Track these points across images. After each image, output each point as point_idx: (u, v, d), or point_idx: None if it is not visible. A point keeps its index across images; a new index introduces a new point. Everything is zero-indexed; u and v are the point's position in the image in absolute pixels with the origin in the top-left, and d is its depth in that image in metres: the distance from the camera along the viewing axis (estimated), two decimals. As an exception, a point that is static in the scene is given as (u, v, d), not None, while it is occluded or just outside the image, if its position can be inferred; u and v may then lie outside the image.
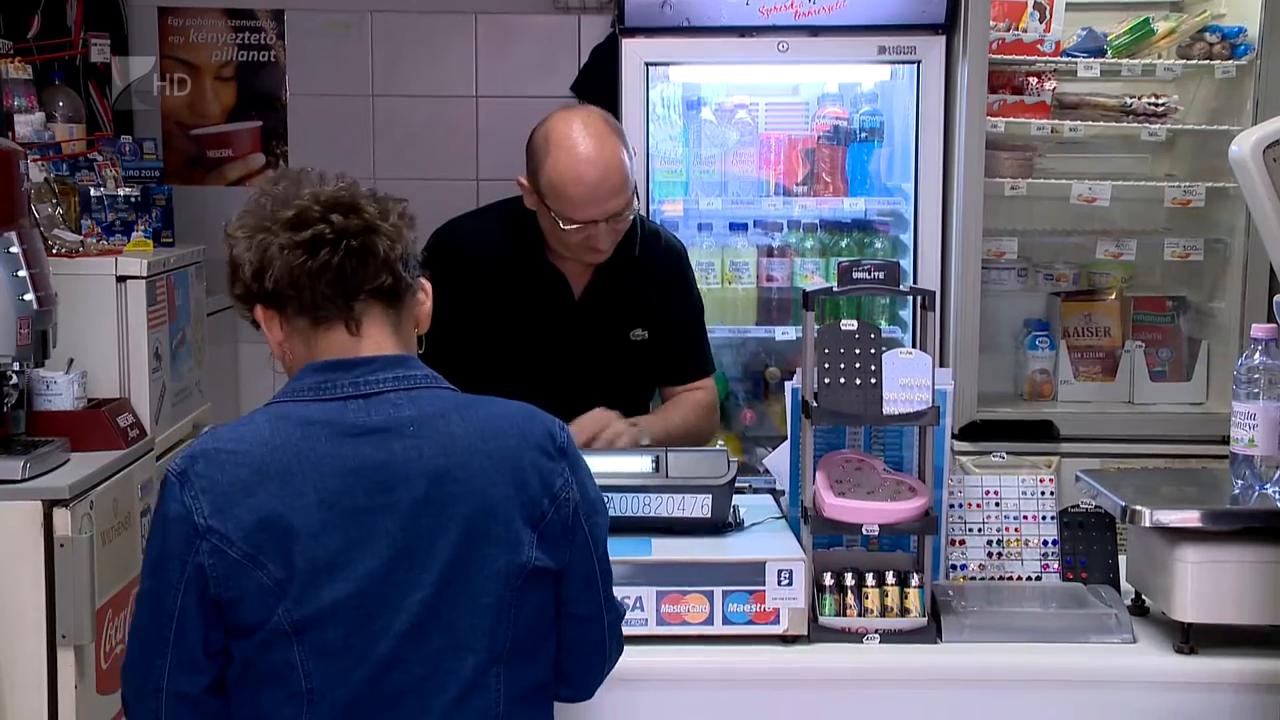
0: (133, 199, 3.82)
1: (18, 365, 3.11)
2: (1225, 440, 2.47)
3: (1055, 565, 2.55)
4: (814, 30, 4.20)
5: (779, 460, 2.69)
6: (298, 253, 1.87)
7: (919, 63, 4.19)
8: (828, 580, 2.37)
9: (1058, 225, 4.35)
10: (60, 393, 3.38)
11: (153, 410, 3.66)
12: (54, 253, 3.48)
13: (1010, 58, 4.13)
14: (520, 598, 1.87)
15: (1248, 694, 2.33)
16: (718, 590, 2.33)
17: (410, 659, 1.83)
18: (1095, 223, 4.32)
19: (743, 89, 4.44)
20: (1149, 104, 4.21)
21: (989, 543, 2.56)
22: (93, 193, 3.77)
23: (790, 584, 2.33)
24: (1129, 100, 4.23)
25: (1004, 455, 3.17)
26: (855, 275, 2.39)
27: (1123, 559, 2.57)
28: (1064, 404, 4.28)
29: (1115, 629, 2.40)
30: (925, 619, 2.37)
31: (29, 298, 3.07)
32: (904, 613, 2.36)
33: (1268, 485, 2.39)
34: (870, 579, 2.38)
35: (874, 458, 2.47)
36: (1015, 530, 2.56)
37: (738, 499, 2.57)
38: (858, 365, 2.35)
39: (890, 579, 2.37)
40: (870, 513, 2.34)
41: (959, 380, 3.85)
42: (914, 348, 2.42)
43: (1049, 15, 4.19)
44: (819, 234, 4.40)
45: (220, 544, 1.80)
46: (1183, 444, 4.01)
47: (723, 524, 2.50)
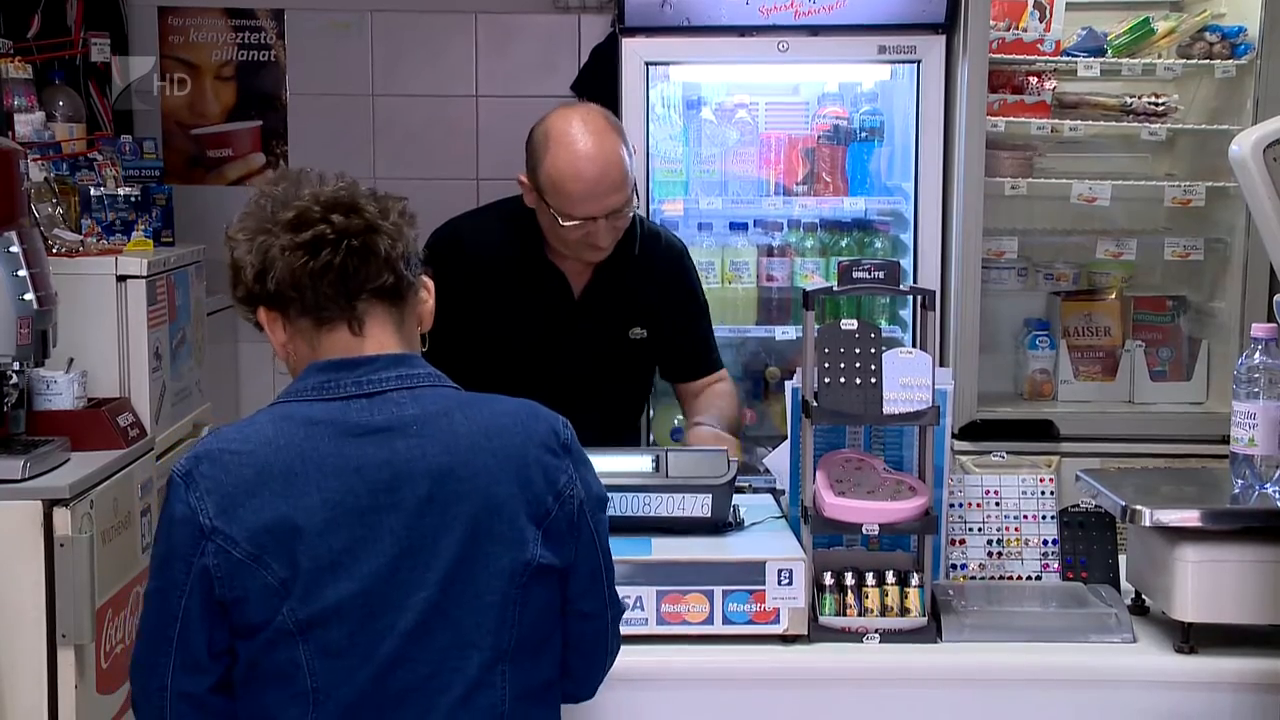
0: (133, 198, 3.82)
1: (18, 365, 3.10)
2: (1225, 440, 2.47)
3: (1055, 565, 2.54)
4: (814, 30, 4.20)
5: (779, 460, 2.69)
6: (299, 254, 1.87)
7: (919, 62, 4.18)
8: (828, 580, 2.38)
9: (1058, 225, 4.35)
10: (60, 392, 3.38)
11: (153, 410, 3.66)
12: (54, 252, 3.48)
13: (1010, 57, 4.13)
14: (525, 595, 1.87)
15: (1247, 693, 2.33)
16: (718, 590, 2.33)
17: (415, 657, 1.83)
18: (1095, 222, 4.31)
19: (743, 88, 4.44)
20: (1149, 103, 4.21)
21: (989, 542, 2.56)
22: (93, 192, 3.77)
23: (790, 583, 2.33)
24: (1129, 100, 4.23)
25: (1004, 455, 3.17)
26: (855, 275, 2.39)
27: (1123, 558, 2.57)
28: (1064, 403, 4.27)
29: (1115, 628, 2.40)
30: (925, 618, 2.37)
31: (29, 297, 3.07)
32: (904, 612, 2.36)
33: (1268, 485, 2.39)
34: (870, 578, 2.38)
35: (874, 457, 2.47)
36: (1015, 530, 2.56)
37: (738, 498, 2.57)
38: (858, 365, 2.35)
39: (890, 578, 2.37)
40: (870, 512, 2.34)
41: (959, 380, 3.85)
42: (914, 347, 2.42)
43: (1049, 15, 4.18)
44: (819, 233, 4.40)
45: (225, 544, 1.80)
46: (1183, 444, 4.01)
47: (723, 523, 2.50)
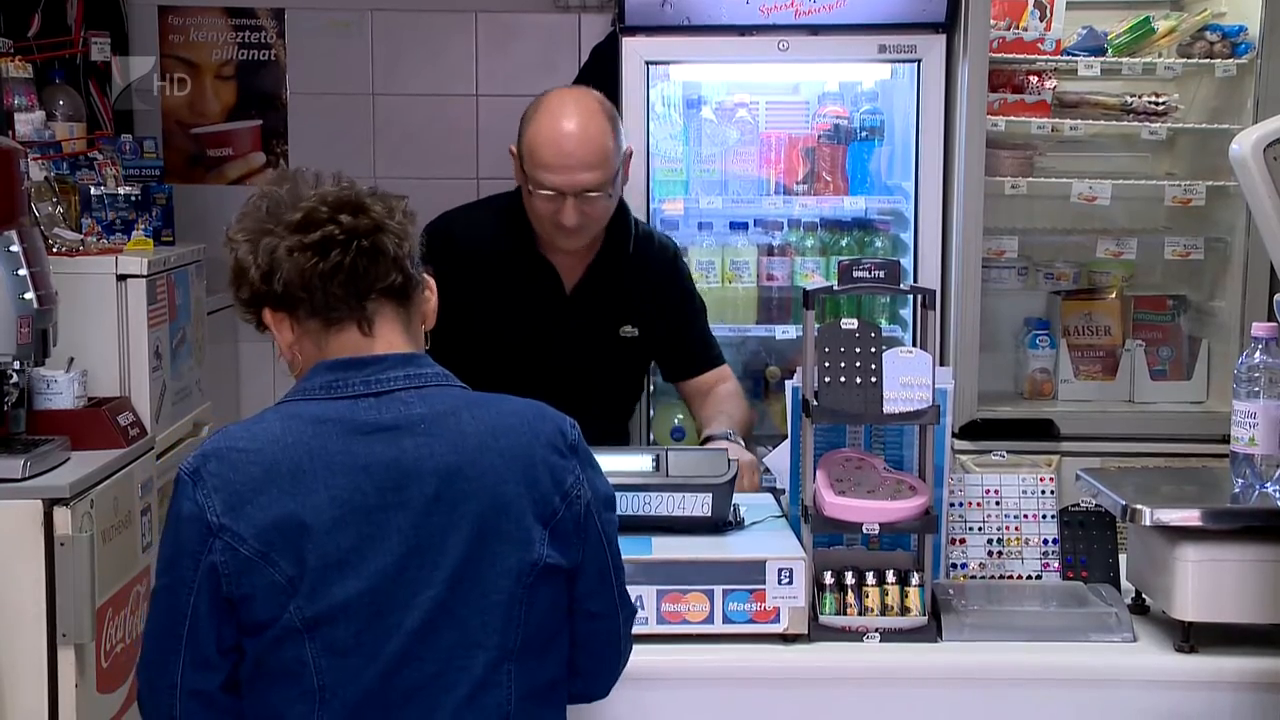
0: (133, 198, 3.82)
1: (18, 364, 3.10)
2: (1225, 439, 2.47)
3: (1055, 564, 2.54)
4: (814, 29, 4.20)
5: (779, 459, 2.69)
6: (308, 254, 1.86)
7: (919, 61, 4.18)
8: (828, 579, 2.38)
9: (1058, 224, 4.35)
10: (60, 391, 3.38)
11: (153, 409, 3.66)
12: (54, 251, 3.48)
13: (1011, 56, 4.12)
14: (531, 595, 1.87)
15: (1248, 693, 2.33)
16: (718, 589, 2.33)
17: (422, 656, 1.83)
18: (1095, 221, 4.31)
19: (743, 88, 4.43)
20: (1149, 103, 4.21)
21: (989, 541, 2.56)
22: (93, 191, 3.77)
23: (790, 583, 2.33)
24: (1129, 99, 4.23)
25: (1004, 454, 3.17)
26: (856, 274, 2.39)
27: (1123, 558, 2.57)
28: (1064, 403, 4.27)
29: (1115, 628, 2.40)
30: (925, 618, 2.37)
31: (29, 296, 3.07)
32: (904, 611, 2.36)
33: (1268, 484, 2.39)
34: (870, 578, 2.38)
35: (874, 456, 2.47)
36: (1015, 529, 2.56)
37: (738, 498, 2.57)
38: (858, 364, 2.35)
39: (890, 578, 2.37)
40: (870, 511, 2.34)
41: (959, 379, 3.85)
42: (914, 346, 2.42)
43: (1049, 14, 4.18)
44: (819, 233, 4.40)
45: (232, 542, 1.80)
46: (1183, 443, 4.01)
47: (723, 523, 2.50)
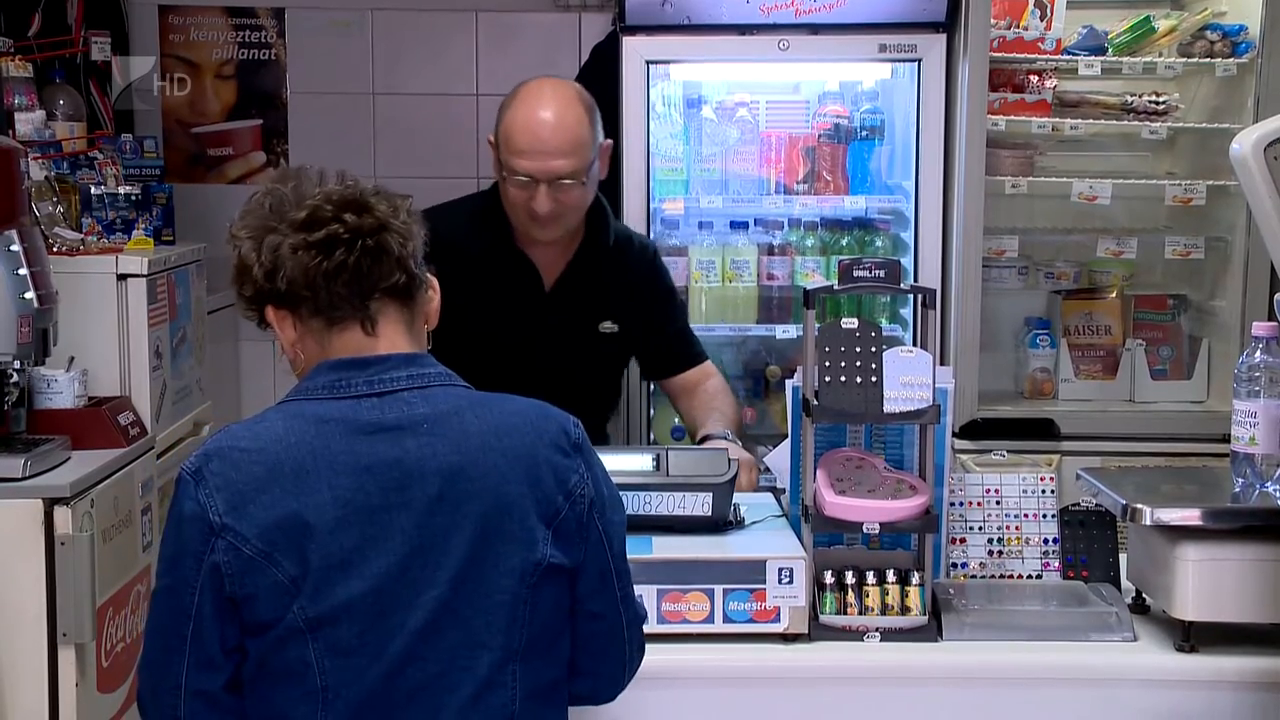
0: (133, 197, 3.83)
1: (18, 363, 3.10)
2: (1226, 438, 2.47)
3: (1056, 563, 2.54)
4: (815, 28, 4.20)
5: (779, 458, 2.69)
6: (311, 253, 1.86)
7: (920, 61, 4.18)
8: (828, 578, 2.37)
9: (1058, 223, 4.35)
10: (61, 391, 3.38)
11: (153, 408, 3.66)
12: (55, 251, 3.48)
13: (1011, 56, 4.12)
14: (535, 595, 1.87)
15: (1248, 692, 2.33)
16: (718, 588, 2.33)
17: (426, 656, 1.82)
18: (1096, 221, 4.31)
19: (743, 87, 4.44)
20: (1150, 102, 4.21)
21: (989, 541, 2.55)
22: (93, 191, 3.77)
23: (791, 582, 2.33)
24: (1130, 98, 4.23)
25: (1004, 453, 3.17)
26: (856, 273, 2.39)
27: (1123, 557, 2.57)
28: (1065, 402, 4.27)
29: (1116, 627, 2.40)
30: (926, 617, 2.37)
31: (30, 296, 3.07)
32: (904, 611, 2.36)
33: (1268, 483, 2.39)
34: (871, 577, 2.38)
35: (874, 456, 2.47)
36: (1016, 528, 2.56)
37: (738, 497, 2.57)
38: (858, 364, 2.35)
39: (891, 577, 2.37)
40: (871, 511, 2.34)
41: (960, 378, 3.85)
42: (915, 346, 2.42)
43: (1050, 13, 4.18)
44: (820, 232, 4.40)
45: (235, 541, 1.80)
46: (1183, 442, 4.01)
47: (723, 522, 2.50)
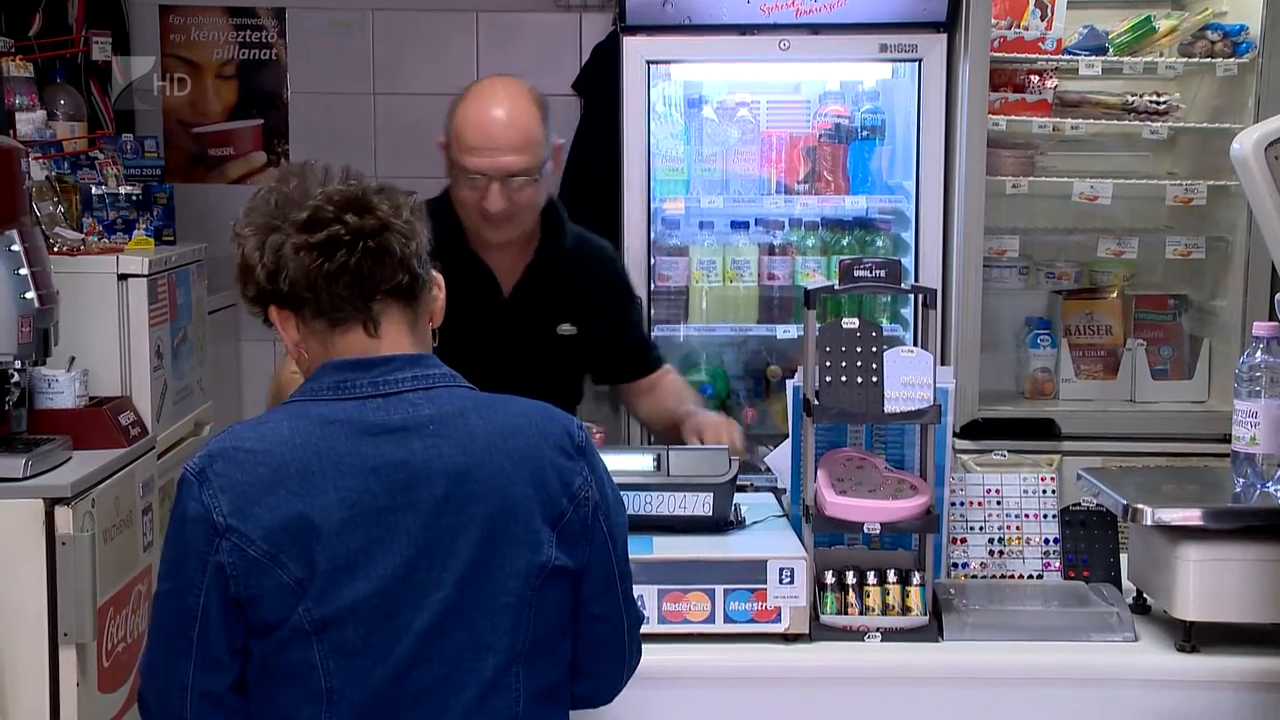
0: (134, 197, 3.83)
1: (19, 363, 3.11)
2: (1227, 438, 2.47)
3: (1057, 563, 2.54)
4: (815, 28, 4.20)
5: (780, 458, 2.69)
6: (313, 255, 1.85)
7: (920, 61, 4.18)
8: (829, 578, 2.37)
9: (1059, 223, 4.35)
10: (62, 391, 3.38)
11: (154, 408, 3.66)
12: (55, 251, 3.48)
13: (1012, 56, 4.13)
14: (540, 597, 1.87)
15: (1249, 693, 2.33)
16: (719, 588, 2.33)
17: (431, 658, 1.82)
18: (1097, 221, 4.31)
19: (744, 87, 4.44)
20: (1150, 102, 4.21)
21: (990, 541, 2.55)
22: (94, 191, 3.77)
23: (792, 582, 2.33)
24: (1130, 98, 4.23)
25: (1005, 453, 3.18)
26: (857, 273, 2.39)
27: (1124, 557, 2.57)
28: (1065, 402, 4.28)
29: (1117, 627, 2.40)
30: (926, 617, 2.37)
31: (30, 296, 3.07)
32: (905, 611, 2.36)
33: (1269, 483, 2.39)
34: (871, 577, 2.38)
35: (875, 456, 2.47)
36: (1017, 528, 2.56)
37: (739, 497, 2.57)
38: (859, 364, 2.35)
39: (891, 577, 2.37)
40: (871, 511, 2.34)
41: (960, 378, 3.85)
42: (915, 346, 2.42)
43: (1050, 13, 4.19)
44: (820, 232, 4.40)
45: (240, 543, 1.79)
46: (1184, 442, 4.01)
47: (724, 522, 2.50)
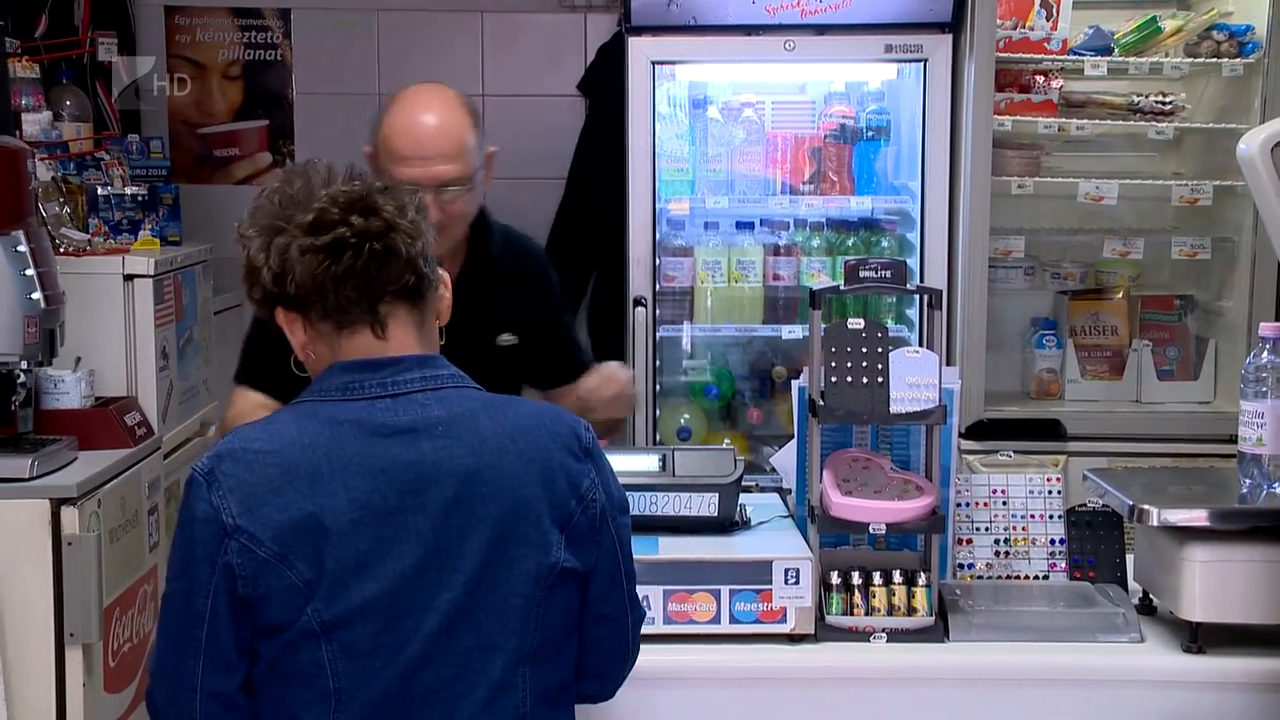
0: (140, 198, 3.83)
1: (25, 364, 3.11)
2: (1233, 439, 2.47)
3: (1063, 564, 2.54)
4: (820, 29, 4.20)
5: (786, 459, 2.69)
6: (319, 257, 1.84)
7: (926, 61, 4.18)
8: (835, 579, 2.38)
9: (1065, 224, 4.34)
10: (68, 391, 3.39)
11: (160, 409, 3.67)
12: (61, 251, 3.48)
13: (1017, 56, 4.12)
14: (548, 598, 1.87)
15: (1256, 694, 2.33)
16: (725, 589, 2.33)
17: (439, 659, 1.82)
18: (1102, 221, 4.31)
19: (749, 87, 4.44)
20: (1156, 102, 4.20)
21: (996, 541, 2.55)
22: (100, 191, 3.78)
23: (797, 583, 2.33)
24: (1136, 99, 4.22)
25: (1011, 454, 3.17)
26: (862, 274, 2.39)
27: (1130, 558, 2.56)
28: (1071, 403, 4.27)
29: (1123, 628, 2.39)
30: (932, 618, 2.37)
31: (36, 296, 3.07)
32: (911, 612, 2.36)
33: (1276, 484, 2.39)
34: (877, 578, 2.38)
35: (881, 456, 2.47)
36: (1022, 529, 2.56)
37: (744, 498, 2.57)
38: (865, 364, 2.35)
39: (897, 578, 2.38)
40: (877, 511, 2.34)
41: (966, 379, 3.85)
42: (921, 346, 2.42)
43: (1056, 13, 4.18)
44: (825, 233, 4.40)
45: (249, 543, 1.79)
46: (1190, 443, 4.01)
47: (729, 523, 2.50)
